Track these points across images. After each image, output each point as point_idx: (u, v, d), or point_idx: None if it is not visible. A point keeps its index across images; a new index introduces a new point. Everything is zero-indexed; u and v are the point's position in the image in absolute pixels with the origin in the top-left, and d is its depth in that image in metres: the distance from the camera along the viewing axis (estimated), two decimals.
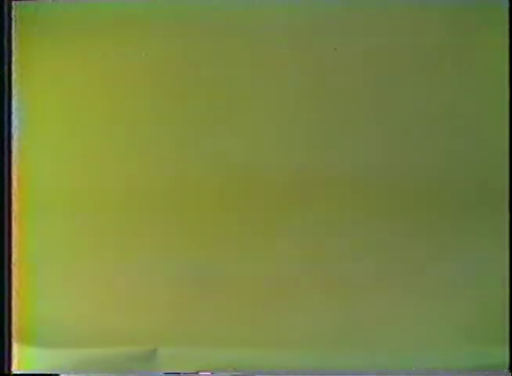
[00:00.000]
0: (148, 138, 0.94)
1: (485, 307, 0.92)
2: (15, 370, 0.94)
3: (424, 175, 0.92)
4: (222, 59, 0.94)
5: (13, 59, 0.94)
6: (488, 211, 0.92)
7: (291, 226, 0.93)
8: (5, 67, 0.93)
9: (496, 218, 0.92)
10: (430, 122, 0.92)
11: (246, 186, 0.93)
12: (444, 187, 0.93)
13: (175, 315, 0.93)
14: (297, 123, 0.93)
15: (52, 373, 0.93)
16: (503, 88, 0.92)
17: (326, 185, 0.93)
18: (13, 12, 0.94)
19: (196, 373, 0.93)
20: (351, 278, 0.92)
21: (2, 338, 0.93)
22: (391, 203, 0.93)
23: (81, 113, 0.94)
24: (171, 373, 0.93)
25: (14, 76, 0.94)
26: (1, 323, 0.93)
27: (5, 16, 0.93)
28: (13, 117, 0.94)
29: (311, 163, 0.93)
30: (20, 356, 0.94)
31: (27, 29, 0.95)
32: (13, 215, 0.94)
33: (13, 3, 0.94)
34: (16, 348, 0.94)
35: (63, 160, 0.95)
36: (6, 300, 0.93)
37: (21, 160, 0.95)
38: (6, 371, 0.93)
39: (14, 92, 0.94)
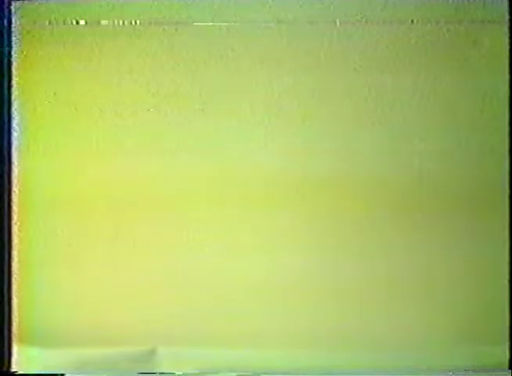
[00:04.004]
0: (149, 139, 0.94)
1: (485, 306, 0.92)
2: (15, 370, 0.94)
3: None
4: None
5: (13, 59, 0.94)
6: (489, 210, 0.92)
7: None
8: (5, 67, 0.94)
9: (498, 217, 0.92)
10: (429, 122, 0.93)
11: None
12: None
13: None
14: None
15: (53, 373, 0.94)
16: (503, 88, 0.92)
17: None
18: (13, 12, 0.94)
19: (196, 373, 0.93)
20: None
21: (2, 338, 0.93)
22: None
23: (82, 113, 0.94)
24: (171, 373, 0.94)
25: (14, 76, 0.94)
26: (1, 323, 0.93)
27: (5, 16, 0.94)
28: (14, 118, 0.94)
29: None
30: (20, 356, 0.94)
31: (27, 29, 0.95)
32: (14, 215, 0.94)
33: (13, 3, 0.94)
34: (15, 348, 0.94)
35: (63, 161, 0.95)
36: (6, 300, 0.93)
37: (21, 161, 0.95)
38: (6, 371, 0.93)
39: (14, 92, 0.94)
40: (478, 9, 0.92)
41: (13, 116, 0.94)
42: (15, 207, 0.94)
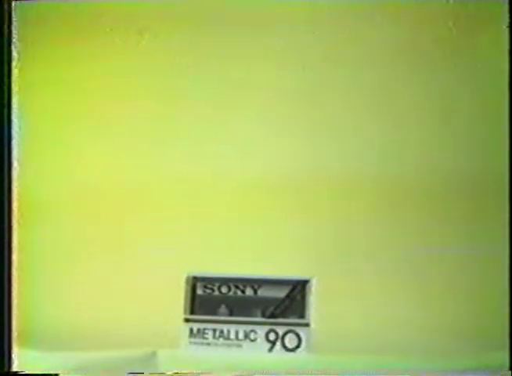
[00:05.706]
0: (149, 140, 0.94)
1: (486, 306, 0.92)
2: (15, 370, 0.94)
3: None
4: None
5: (13, 58, 0.94)
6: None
7: None
8: (5, 67, 0.94)
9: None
10: (428, 122, 0.93)
11: None
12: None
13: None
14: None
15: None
16: (503, 87, 0.92)
17: None
18: (13, 12, 0.95)
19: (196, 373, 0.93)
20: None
21: (2, 338, 0.93)
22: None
23: (81, 112, 0.95)
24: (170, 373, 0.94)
25: (14, 76, 0.94)
26: (1, 324, 0.93)
27: (5, 16, 0.94)
28: (13, 117, 0.94)
29: None
30: (20, 359, 0.94)
31: (27, 29, 0.95)
32: (14, 216, 0.94)
33: (13, 3, 0.94)
34: (16, 351, 0.94)
35: (63, 161, 0.95)
36: (6, 301, 0.93)
37: (21, 160, 0.95)
38: (6, 371, 0.93)
39: (14, 91, 0.94)
40: (478, 9, 0.92)
41: (13, 116, 0.94)
42: (15, 209, 0.95)
